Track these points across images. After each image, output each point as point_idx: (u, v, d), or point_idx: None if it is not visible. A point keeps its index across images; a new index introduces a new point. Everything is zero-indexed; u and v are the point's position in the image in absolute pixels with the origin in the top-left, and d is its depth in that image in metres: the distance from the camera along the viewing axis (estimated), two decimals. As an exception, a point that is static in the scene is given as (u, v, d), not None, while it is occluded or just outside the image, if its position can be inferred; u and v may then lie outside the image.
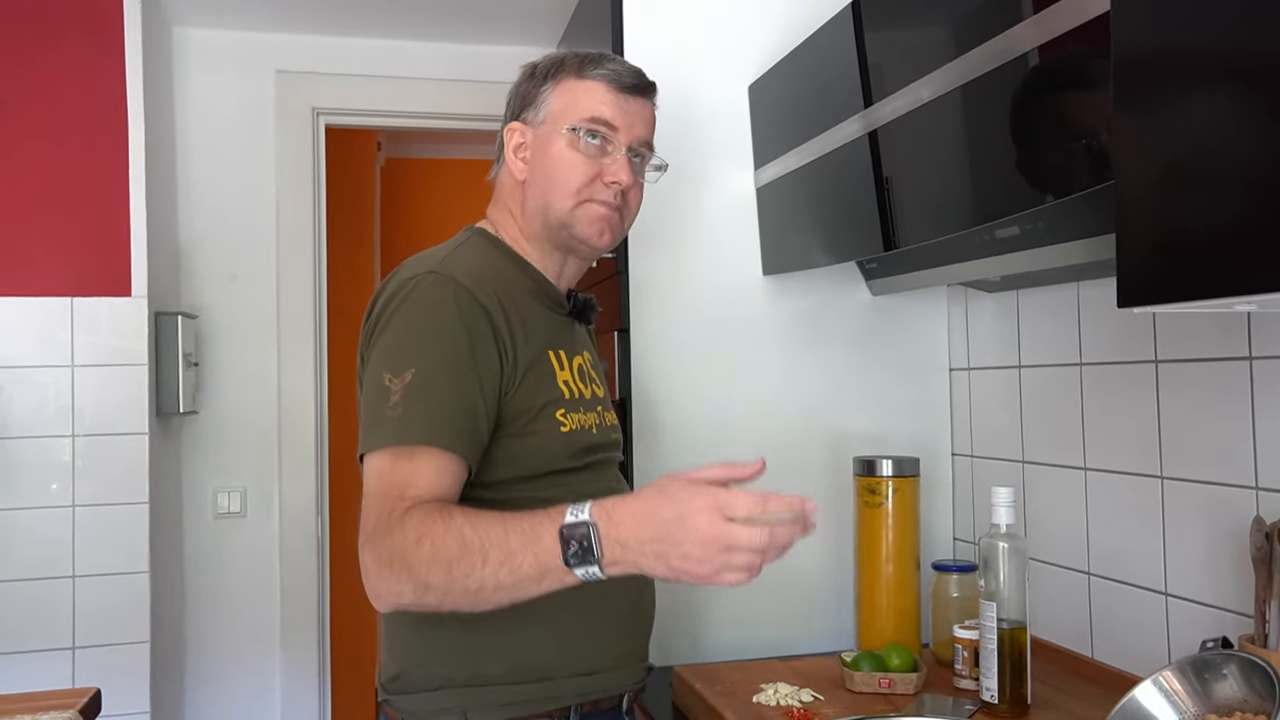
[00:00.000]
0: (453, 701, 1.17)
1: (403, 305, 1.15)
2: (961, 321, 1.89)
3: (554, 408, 1.20)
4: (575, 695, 1.20)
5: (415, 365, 1.11)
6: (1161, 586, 1.41)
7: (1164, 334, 1.41)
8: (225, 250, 2.74)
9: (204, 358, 2.70)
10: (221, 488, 2.71)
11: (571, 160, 1.24)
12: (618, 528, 0.99)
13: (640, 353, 1.80)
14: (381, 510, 1.06)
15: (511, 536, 1.01)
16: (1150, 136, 0.90)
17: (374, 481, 1.09)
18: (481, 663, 1.17)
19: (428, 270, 1.17)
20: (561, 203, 1.24)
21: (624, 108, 1.25)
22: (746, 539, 0.95)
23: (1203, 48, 0.85)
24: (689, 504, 0.97)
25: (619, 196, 1.25)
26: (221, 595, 2.70)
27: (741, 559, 0.96)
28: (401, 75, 2.86)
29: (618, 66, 1.27)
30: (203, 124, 2.73)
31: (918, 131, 1.36)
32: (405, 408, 1.10)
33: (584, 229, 1.25)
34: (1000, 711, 1.34)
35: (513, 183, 1.29)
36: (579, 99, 1.25)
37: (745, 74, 1.85)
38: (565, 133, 1.24)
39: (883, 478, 1.66)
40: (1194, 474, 1.36)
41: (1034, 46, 1.11)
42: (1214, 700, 1.07)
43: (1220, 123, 0.84)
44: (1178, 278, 0.88)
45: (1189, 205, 0.87)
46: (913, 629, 1.66)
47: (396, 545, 1.03)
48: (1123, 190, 0.92)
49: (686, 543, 0.96)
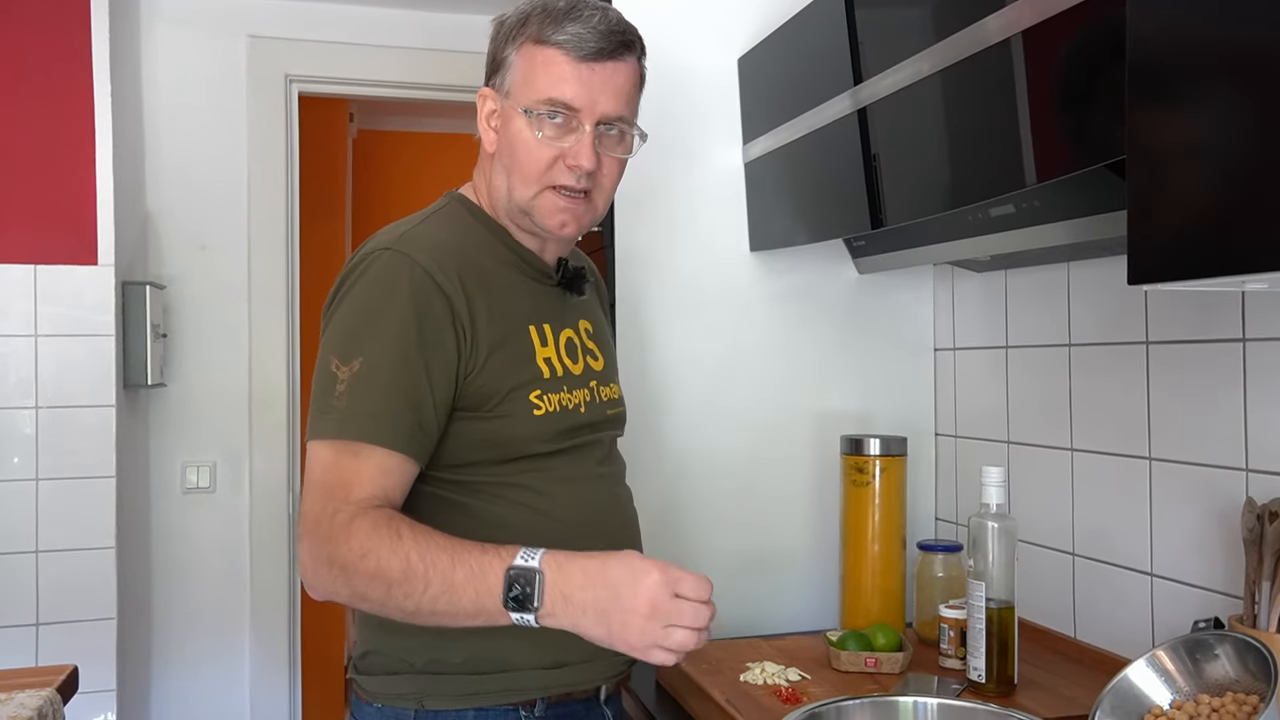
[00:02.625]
0: (410, 687, 1.15)
1: (356, 285, 1.11)
2: (948, 301, 1.88)
3: (527, 389, 1.15)
4: (539, 688, 1.16)
5: (363, 354, 1.08)
6: (1147, 567, 1.42)
7: (1155, 315, 1.41)
8: (195, 219, 2.66)
9: (173, 329, 2.63)
10: (190, 462, 2.65)
11: (529, 143, 1.14)
12: (565, 580, 0.99)
13: (626, 327, 1.77)
14: (324, 507, 1.04)
15: (458, 569, 1.00)
16: (1163, 116, 0.89)
17: (317, 471, 1.07)
18: (441, 650, 1.14)
19: (384, 247, 1.12)
20: (522, 189, 1.16)
21: (587, 80, 1.12)
22: (690, 616, 0.97)
23: (1217, 29, 0.84)
24: (644, 571, 0.98)
25: (584, 179, 1.15)
26: (190, 572, 2.65)
27: (677, 637, 0.97)
28: (378, 43, 2.80)
29: (580, 28, 1.12)
30: (172, 89, 2.65)
31: (907, 110, 1.35)
32: (350, 400, 1.06)
33: (544, 219, 1.17)
34: (987, 691, 1.34)
35: (485, 153, 1.22)
36: (536, 73, 1.13)
37: (735, 46, 1.82)
38: (522, 113, 1.14)
39: (870, 457, 1.65)
40: (1183, 455, 1.36)
41: (1025, 27, 1.10)
42: (1205, 680, 1.08)
43: (1235, 103, 0.83)
44: (1190, 256, 0.87)
45: (1202, 183, 0.86)
46: (898, 609, 1.66)
47: (338, 553, 1.01)
48: (1134, 168, 0.91)
49: (633, 609, 0.97)
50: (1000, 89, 1.18)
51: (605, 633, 0.99)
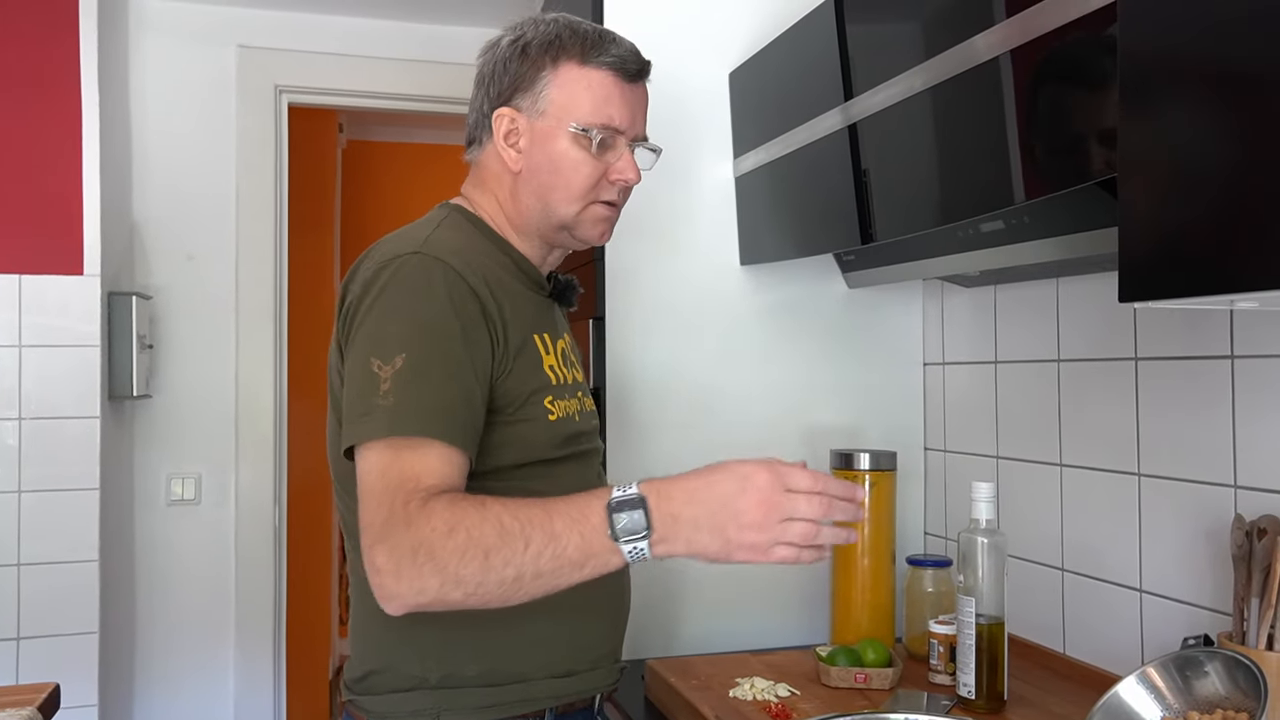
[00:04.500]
0: (425, 703, 1.14)
1: (387, 288, 1.08)
2: (937, 316, 1.89)
3: (542, 394, 1.16)
4: (550, 697, 1.17)
5: (406, 350, 1.04)
6: (1136, 583, 1.42)
7: (1144, 332, 1.41)
8: (182, 230, 2.65)
9: (159, 340, 2.62)
10: (175, 474, 2.63)
11: (577, 161, 1.17)
12: (669, 502, 0.97)
13: (616, 341, 1.77)
14: (393, 505, 0.98)
15: (555, 519, 0.97)
16: (1155, 135, 0.90)
17: (374, 479, 1.01)
18: (457, 664, 1.13)
19: (411, 251, 1.10)
20: (566, 207, 1.19)
21: (630, 100, 1.19)
22: (806, 508, 0.96)
23: (1209, 48, 0.85)
24: (752, 473, 0.97)
25: (622, 193, 1.22)
26: (174, 585, 2.63)
27: (797, 529, 0.96)
28: (367, 54, 2.80)
29: (622, 51, 1.18)
30: (160, 99, 2.64)
31: (897, 126, 1.35)
32: (397, 396, 1.02)
33: (587, 231, 1.21)
34: (977, 707, 1.34)
35: (501, 169, 1.21)
36: (585, 94, 1.17)
37: (726, 61, 1.83)
38: (572, 131, 1.16)
39: (861, 471, 1.65)
40: (1172, 472, 1.36)
41: (1014, 46, 1.11)
42: (1195, 697, 1.08)
43: (1226, 122, 0.83)
44: (1181, 274, 0.87)
45: (1193, 202, 0.86)
46: (888, 624, 1.66)
47: (421, 538, 0.96)
48: (1126, 186, 0.91)
49: (747, 510, 0.95)
50: (989, 107, 1.19)
51: (723, 543, 0.96)
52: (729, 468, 0.98)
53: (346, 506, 1.18)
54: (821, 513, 0.97)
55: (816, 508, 0.97)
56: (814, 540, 0.97)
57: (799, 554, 0.97)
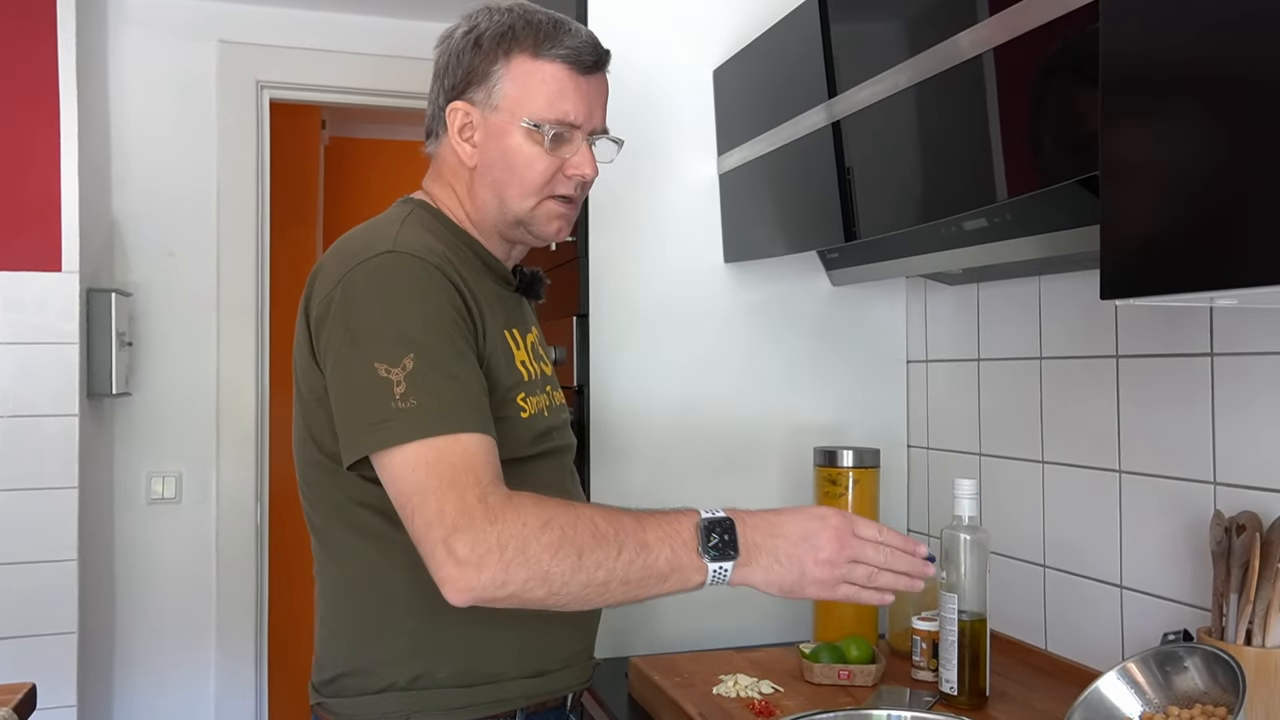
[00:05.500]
0: (396, 705, 1.12)
1: (371, 289, 1.06)
2: (920, 314, 1.89)
3: (515, 391, 1.15)
4: (522, 697, 1.16)
5: (413, 350, 1.01)
6: (1117, 579, 1.43)
7: (1125, 330, 1.42)
8: (163, 226, 2.63)
9: (139, 337, 2.59)
10: (155, 473, 2.61)
11: (530, 156, 1.15)
12: (753, 530, 1.02)
13: (599, 338, 1.76)
14: (464, 498, 0.96)
15: (648, 529, 0.99)
16: (1136, 133, 0.90)
17: (422, 475, 0.98)
18: (428, 666, 1.12)
19: (386, 250, 1.08)
20: (521, 202, 1.17)
21: (586, 93, 1.16)
22: (873, 554, 1.04)
23: (1190, 47, 0.85)
24: (828, 514, 1.05)
25: (579, 188, 1.19)
26: (154, 585, 2.60)
27: (860, 572, 1.04)
28: (350, 50, 2.78)
29: (577, 42, 1.15)
30: (140, 94, 2.62)
31: (881, 124, 1.36)
32: (420, 397, 1.00)
33: (542, 228, 1.19)
34: (959, 703, 1.34)
35: (457, 163, 1.19)
36: (539, 88, 1.14)
37: (711, 58, 1.82)
38: (524, 126, 1.14)
39: (844, 468, 1.65)
40: (1152, 469, 1.37)
41: (997, 44, 1.11)
42: (1175, 692, 1.08)
43: (1207, 120, 0.84)
44: (1161, 271, 0.87)
45: (1174, 200, 0.87)
46: (870, 621, 1.66)
47: (511, 531, 0.95)
48: (1108, 184, 0.92)
49: (825, 547, 1.02)
50: (973, 104, 1.19)
51: (799, 575, 1.02)
52: (805, 509, 1.06)
53: (314, 508, 1.17)
54: (883, 561, 1.04)
55: (881, 555, 1.04)
56: (873, 582, 1.05)
57: (859, 592, 1.05)
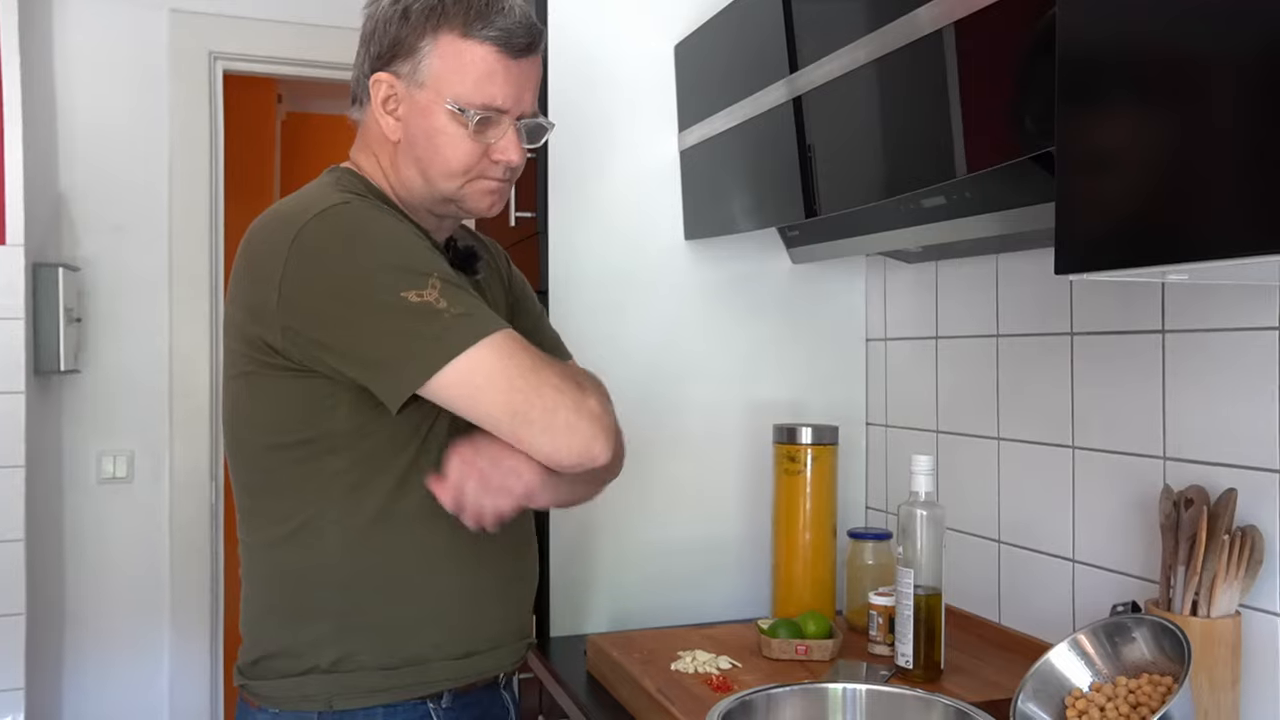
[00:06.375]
0: (318, 689, 1.11)
1: (339, 238, 1.04)
2: (880, 292, 1.90)
3: None
4: (447, 679, 1.14)
5: (430, 271, 1.03)
6: (1069, 553, 1.45)
7: (1080, 307, 1.43)
8: (111, 200, 2.56)
9: (88, 313, 2.53)
10: (106, 451, 2.56)
11: (454, 138, 1.11)
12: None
13: (559, 314, 1.75)
14: (560, 370, 1.07)
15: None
16: (1091, 111, 0.90)
17: (510, 361, 1.03)
18: (351, 648, 1.11)
19: (339, 202, 1.07)
20: (446, 182, 1.14)
21: (514, 76, 1.12)
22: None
23: (1143, 28, 0.85)
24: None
25: (507, 171, 1.16)
26: (105, 566, 2.56)
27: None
28: (307, 22, 2.72)
29: (509, 23, 1.10)
30: (87, 63, 2.54)
31: (841, 99, 1.35)
32: (466, 306, 1.03)
33: (474, 203, 1.16)
34: (915, 676, 1.36)
35: (381, 135, 1.15)
36: (465, 69, 1.10)
37: (672, 33, 1.81)
38: (449, 109, 1.11)
39: (802, 445, 1.66)
40: (1104, 444, 1.39)
41: (957, 18, 1.11)
42: (1123, 662, 1.10)
43: (1158, 100, 0.85)
44: (1114, 246, 0.88)
45: (1126, 177, 0.87)
46: (829, 596, 1.67)
47: (603, 388, 1.12)
48: (1063, 161, 0.92)
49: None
50: (932, 80, 1.19)
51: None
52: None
53: (244, 488, 1.15)
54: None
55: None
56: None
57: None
